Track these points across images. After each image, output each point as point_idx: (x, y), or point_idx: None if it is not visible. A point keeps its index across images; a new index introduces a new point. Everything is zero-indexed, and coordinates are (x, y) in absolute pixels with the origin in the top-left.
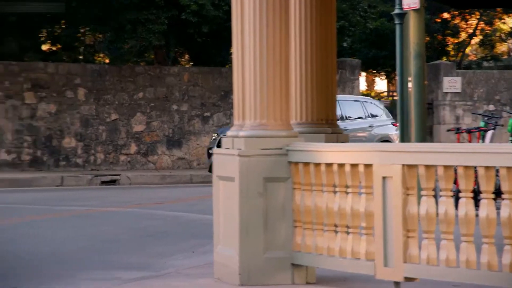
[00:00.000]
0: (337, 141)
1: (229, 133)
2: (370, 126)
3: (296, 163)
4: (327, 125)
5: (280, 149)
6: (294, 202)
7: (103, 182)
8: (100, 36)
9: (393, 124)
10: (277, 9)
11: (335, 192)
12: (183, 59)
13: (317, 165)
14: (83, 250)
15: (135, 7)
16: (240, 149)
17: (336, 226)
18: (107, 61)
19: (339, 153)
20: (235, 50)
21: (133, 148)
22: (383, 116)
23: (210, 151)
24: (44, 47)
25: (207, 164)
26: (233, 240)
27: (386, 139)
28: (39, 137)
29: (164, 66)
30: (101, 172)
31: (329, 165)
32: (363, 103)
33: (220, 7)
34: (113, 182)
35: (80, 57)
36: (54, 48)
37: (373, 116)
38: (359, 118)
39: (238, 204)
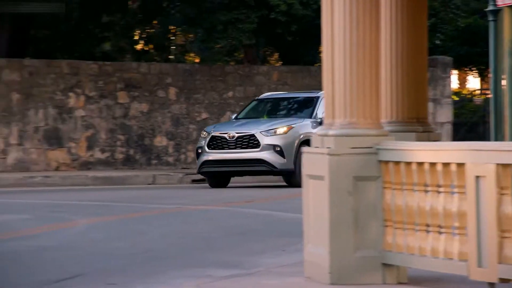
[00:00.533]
0: (428, 140)
1: (318, 131)
2: None
3: (387, 162)
4: (418, 123)
5: (370, 148)
6: (384, 201)
7: (193, 181)
8: (191, 36)
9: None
10: (367, 7)
11: (426, 191)
12: (272, 58)
13: (408, 164)
14: (175, 248)
15: (226, 8)
16: (329, 147)
17: (427, 225)
18: (197, 60)
19: (430, 152)
20: (325, 48)
21: None
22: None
23: (199, 151)
24: (137, 48)
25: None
26: (323, 239)
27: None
28: (131, 136)
29: (254, 65)
30: (191, 170)
31: (420, 164)
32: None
33: (309, 5)
34: (203, 180)
35: (171, 57)
36: (146, 48)
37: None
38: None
39: (328, 202)
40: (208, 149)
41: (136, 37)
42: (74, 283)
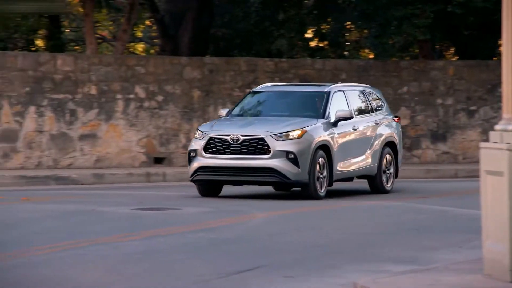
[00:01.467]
0: None
1: (497, 127)
2: (375, 124)
3: None
4: None
5: None
6: None
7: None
8: (366, 32)
9: (395, 120)
10: None
11: None
12: (448, 53)
13: None
14: (349, 242)
15: (401, 3)
16: (509, 143)
17: None
18: (371, 56)
19: None
20: (505, 42)
21: None
22: (385, 109)
23: (193, 154)
24: (312, 44)
25: (189, 170)
26: (503, 236)
27: (391, 141)
28: None
29: (429, 60)
30: None
31: None
32: (365, 92)
33: None
34: None
35: (345, 53)
36: (320, 45)
37: (376, 109)
38: (364, 113)
39: (507, 198)
40: (205, 153)
41: (310, 34)
42: (252, 274)
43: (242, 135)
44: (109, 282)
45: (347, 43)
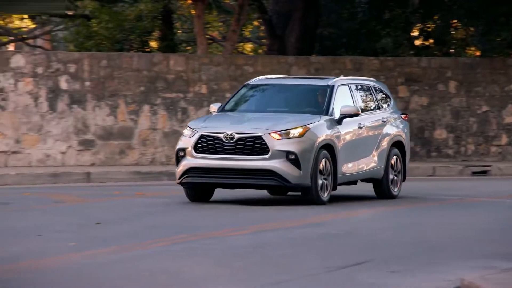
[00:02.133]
0: None
1: None
2: (382, 122)
3: None
4: None
5: None
6: None
7: (474, 173)
8: (472, 29)
9: (403, 117)
10: None
11: None
12: None
13: None
14: (454, 239)
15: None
16: None
17: None
18: (478, 54)
19: None
20: None
21: (504, 139)
22: (392, 106)
23: (181, 153)
24: (417, 42)
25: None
26: None
27: (398, 141)
28: (411, 129)
29: None
30: (472, 163)
31: None
32: (371, 87)
33: None
34: (483, 172)
35: (451, 51)
36: (426, 43)
37: (383, 105)
38: (371, 109)
39: None
40: (196, 152)
41: (416, 33)
42: (359, 269)
43: (237, 133)
44: (219, 275)
45: (453, 41)
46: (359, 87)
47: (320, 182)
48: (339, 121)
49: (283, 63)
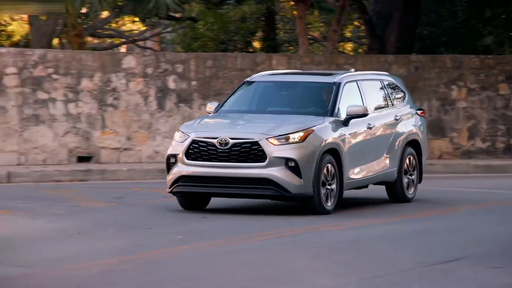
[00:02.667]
0: None
1: None
2: (395, 120)
3: None
4: None
5: None
6: None
7: None
8: None
9: (419, 114)
10: None
11: None
12: None
13: None
14: None
15: None
16: None
17: None
18: None
19: None
20: None
21: None
22: (407, 101)
23: (172, 160)
24: None
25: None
26: None
27: (414, 139)
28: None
29: None
30: None
31: None
32: (383, 82)
33: None
34: None
35: None
36: None
37: (397, 102)
38: (382, 107)
39: None
40: (187, 158)
41: None
42: (457, 265)
43: (231, 138)
44: (318, 268)
45: None
46: (369, 83)
47: (323, 190)
48: (345, 123)
49: (382, 62)
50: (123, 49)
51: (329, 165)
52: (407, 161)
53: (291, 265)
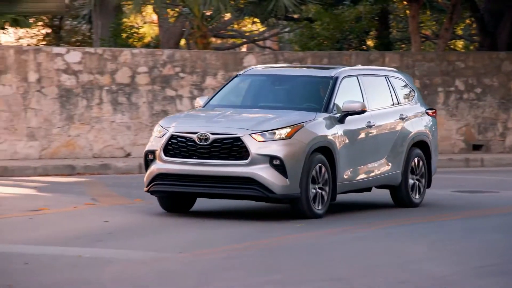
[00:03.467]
0: None
1: None
2: (401, 118)
3: None
4: None
5: None
6: None
7: None
8: None
9: (429, 113)
10: None
11: None
12: None
13: None
14: None
15: None
16: None
17: None
18: None
19: None
20: None
21: None
22: (415, 99)
23: (150, 156)
24: None
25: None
26: None
27: (422, 140)
28: None
29: None
30: None
31: None
32: (389, 78)
33: None
34: None
35: None
36: None
37: (404, 99)
38: (386, 105)
39: None
40: (166, 155)
41: None
42: None
43: (212, 133)
44: (433, 256)
45: None
46: (372, 79)
47: (313, 191)
48: (341, 119)
49: (494, 58)
50: (244, 48)
51: (320, 165)
52: (413, 163)
53: (408, 253)
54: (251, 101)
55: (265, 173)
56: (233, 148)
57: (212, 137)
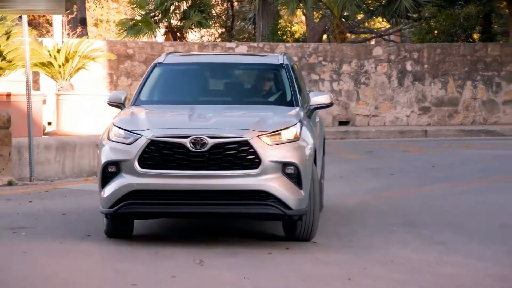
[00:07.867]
0: None
1: None
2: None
3: None
4: None
5: None
6: None
7: None
8: None
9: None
10: None
11: None
12: None
13: None
14: None
15: None
16: None
17: None
18: None
19: None
20: None
21: None
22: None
23: (111, 169)
24: None
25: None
26: None
27: None
28: None
29: None
30: None
31: None
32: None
33: None
34: None
35: None
36: None
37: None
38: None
39: None
40: (142, 166)
41: None
42: None
43: (210, 137)
44: (492, 227)
45: None
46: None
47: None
48: (310, 115)
49: None
50: (373, 42)
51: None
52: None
53: (504, 204)
54: (190, 96)
55: (279, 184)
56: (240, 155)
57: (210, 141)
